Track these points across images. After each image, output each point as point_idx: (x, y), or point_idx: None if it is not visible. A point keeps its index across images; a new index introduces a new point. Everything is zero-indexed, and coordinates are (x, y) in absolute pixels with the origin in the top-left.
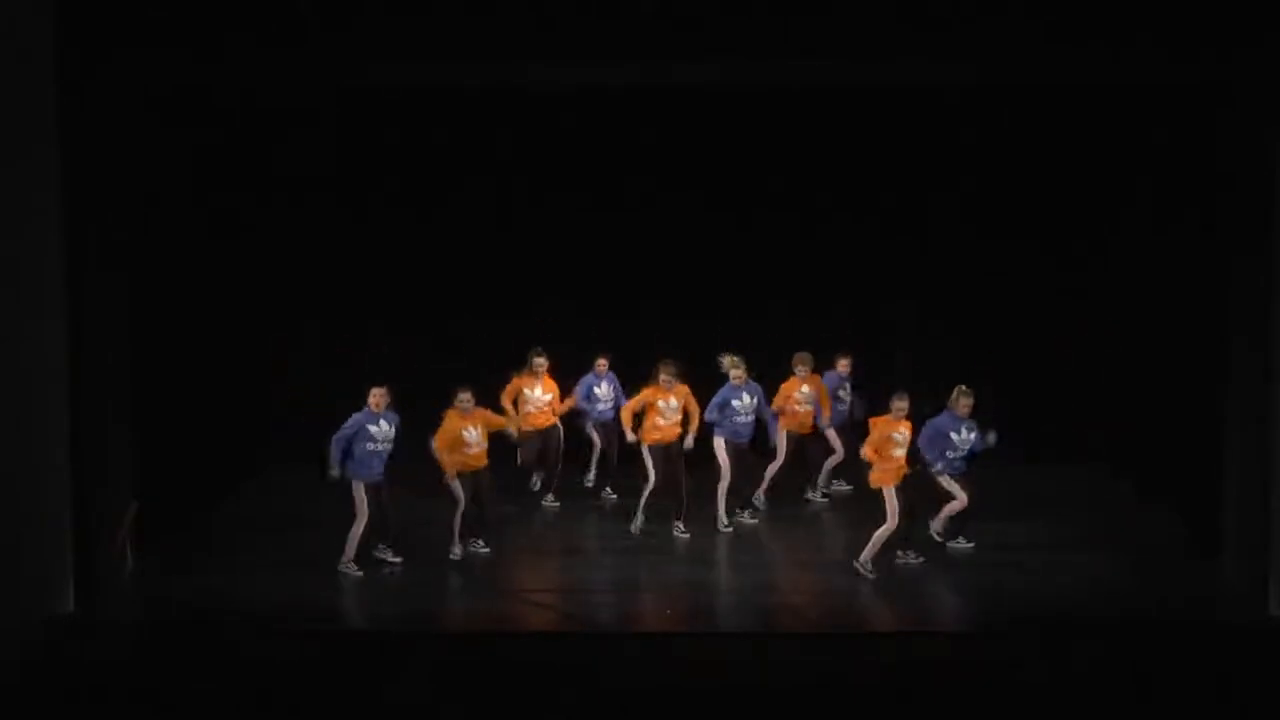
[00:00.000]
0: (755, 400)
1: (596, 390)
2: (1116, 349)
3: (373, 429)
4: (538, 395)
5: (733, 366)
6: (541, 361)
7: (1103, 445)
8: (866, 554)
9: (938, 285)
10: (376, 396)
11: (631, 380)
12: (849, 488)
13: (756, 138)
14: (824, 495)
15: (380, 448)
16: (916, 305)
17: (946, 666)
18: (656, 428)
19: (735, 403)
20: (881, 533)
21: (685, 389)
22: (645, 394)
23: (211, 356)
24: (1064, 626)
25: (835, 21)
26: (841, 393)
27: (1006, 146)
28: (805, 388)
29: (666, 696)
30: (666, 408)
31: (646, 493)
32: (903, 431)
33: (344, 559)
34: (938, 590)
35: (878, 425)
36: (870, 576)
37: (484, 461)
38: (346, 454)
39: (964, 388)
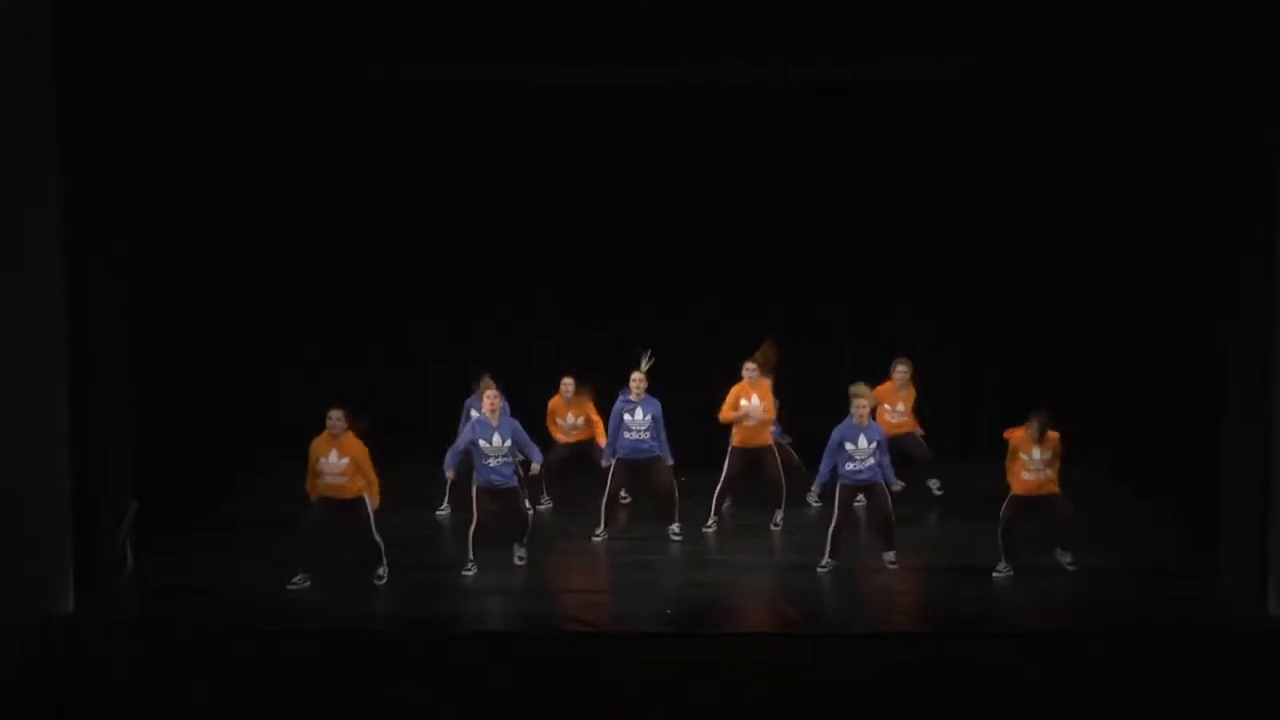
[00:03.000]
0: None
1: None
2: (1116, 349)
3: (483, 444)
4: (569, 421)
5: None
6: (568, 384)
7: (1102, 446)
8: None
9: (938, 285)
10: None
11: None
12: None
13: (754, 137)
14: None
15: (493, 462)
16: (916, 305)
17: (946, 667)
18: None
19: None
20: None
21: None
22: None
23: (212, 356)
24: (1064, 626)
25: (834, 21)
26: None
27: (1007, 147)
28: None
29: (666, 696)
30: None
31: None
32: (1033, 452)
33: (469, 564)
34: (938, 591)
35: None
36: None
37: (349, 493)
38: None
39: (854, 389)
